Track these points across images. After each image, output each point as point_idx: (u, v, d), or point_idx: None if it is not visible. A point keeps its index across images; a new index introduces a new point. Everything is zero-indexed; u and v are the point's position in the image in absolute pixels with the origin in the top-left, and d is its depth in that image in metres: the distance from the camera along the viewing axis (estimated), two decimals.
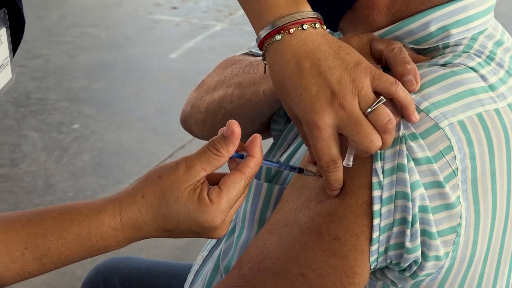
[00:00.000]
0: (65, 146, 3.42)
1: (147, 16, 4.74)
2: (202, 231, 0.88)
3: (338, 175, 0.86)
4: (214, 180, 0.88)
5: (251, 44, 1.26)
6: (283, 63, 0.86)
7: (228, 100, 1.15)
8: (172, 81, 3.94)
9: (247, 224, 1.03)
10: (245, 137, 1.22)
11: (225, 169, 0.87)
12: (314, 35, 0.86)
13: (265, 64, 0.91)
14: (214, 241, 1.17)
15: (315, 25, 0.86)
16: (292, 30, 0.85)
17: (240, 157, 0.89)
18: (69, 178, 3.19)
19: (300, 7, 0.87)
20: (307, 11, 0.86)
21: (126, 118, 3.65)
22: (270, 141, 1.21)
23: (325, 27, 0.88)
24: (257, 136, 0.88)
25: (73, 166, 3.28)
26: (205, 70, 3.90)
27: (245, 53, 1.24)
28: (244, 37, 4.41)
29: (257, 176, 1.03)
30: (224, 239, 1.10)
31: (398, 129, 0.85)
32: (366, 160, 0.86)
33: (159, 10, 4.83)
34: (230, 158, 0.88)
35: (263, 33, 0.87)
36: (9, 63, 1.03)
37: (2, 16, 1.00)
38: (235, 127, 0.86)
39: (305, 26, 0.85)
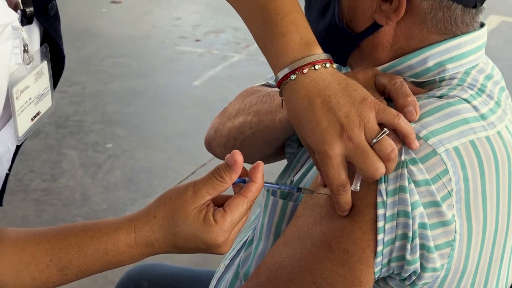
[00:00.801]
0: (100, 164, 3.43)
1: (173, 48, 4.76)
2: (207, 248, 0.89)
3: (347, 198, 0.86)
4: (220, 202, 0.89)
5: (268, 76, 1.26)
6: (297, 100, 0.87)
7: (247, 126, 1.16)
8: (195, 106, 3.96)
9: (264, 236, 1.03)
10: (260, 159, 1.23)
11: (230, 190, 0.88)
12: (325, 74, 0.87)
13: (282, 100, 0.91)
14: (235, 251, 1.17)
15: (325, 65, 0.87)
16: (305, 71, 0.86)
17: (243, 182, 0.90)
18: (103, 192, 3.20)
19: (312, 50, 0.88)
20: (318, 53, 0.88)
21: (154, 139, 3.66)
22: (284, 162, 1.22)
23: (334, 66, 0.89)
24: (260, 163, 0.89)
25: (106, 182, 3.29)
26: (225, 96, 3.93)
27: (263, 84, 1.25)
28: (259, 67, 4.42)
29: (273, 193, 1.03)
30: (244, 249, 1.11)
31: (400, 154, 0.86)
32: (371, 182, 0.86)
33: (183, 42, 4.85)
34: (234, 183, 0.89)
35: (280, 75, 0.88)
36: (49, 92, 1.04)
37: (44, 51, 1.01)
38: (238, 156, 0.86)
39: (317, 67, 0.86)
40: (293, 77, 0.87)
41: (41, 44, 1.02)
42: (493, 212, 0.92)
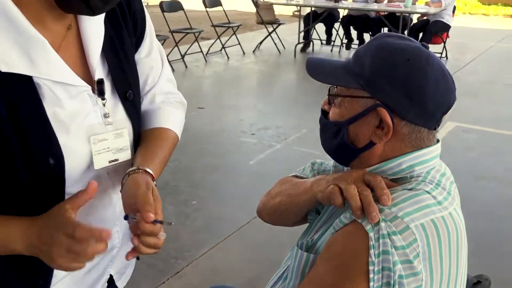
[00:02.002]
0: (188, 214, 3.44)
1: (237, 139, 4.81)
2: None
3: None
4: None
5: (296, 169, 1.28)
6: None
7: (283, 203, 1.17)
8: (251, 177, 3.97)
9: (294, 276, 1.03)
10: (291, 223, 1.23)
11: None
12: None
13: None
14: (273, 281, 1.17)
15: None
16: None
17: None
18: (189, 234, 3.20)
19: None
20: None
21: (224, 198, 3.68)
22: (306, 225, 1.22)
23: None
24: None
25: (191, 227, 3.29)
26: (270, 172, 3.93)
27: (293, 175, 1.26)
28: (293, 153, 4.45)
29: (300, 247, 1.03)
30: (280, 282, 1.11)
31: (384, 228, 0.86)
32: (364, 249, 0.86)
33: (244, 135, 4.90)
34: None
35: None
36: (129, 149, 1.06)
37: (127, 121, 1.06)
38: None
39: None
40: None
41: (128, 115, 1.06)
42: (447, 267, 0.91)
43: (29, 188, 0.91)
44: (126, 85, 1.05)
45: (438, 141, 1.02)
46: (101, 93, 0.99)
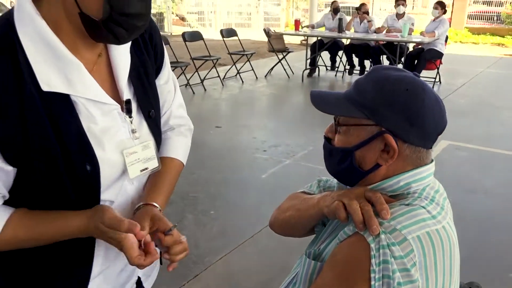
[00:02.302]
0: (205, 223, 3.44)
1: (251, 155, 4.80)
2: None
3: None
4: None
5: (305, 185, 1.27)
6: None
7: (292, 217, 1.16)
8: (263, 190, 3.95)
9: (302, 282, 1.03)
10: (300, 234, 1.22)
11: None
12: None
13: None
14: (283, 286, 1.15)
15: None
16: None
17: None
18: (208, 240, 3.19)
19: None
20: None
21: (240, 209, 3.67)
22: (313, 235, 1.21)
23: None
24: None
25: (209, 234, 3.29)
26: (280, 184, 3.90)
27: (302, 191, 1.25)
28: (301, 168, 4.44)
29: (308, 256, 1.03)
30: (290, 287, 1.10)
31: (384, 239, 0.86)
32: (366, 258, 0.86)
33: (257, 151, 4.89)
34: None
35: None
36: (155, 158, 1.09)
37: (152, 134, 1.10)
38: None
39: None
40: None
41: (151, 131, 1.09)
42: (441, 275, 0.90)
43: (74, 195, 0.93)
44: (149, 105, 1.09)
45: (432, 160, 1.02)
46: (129, 111, 1.02)
